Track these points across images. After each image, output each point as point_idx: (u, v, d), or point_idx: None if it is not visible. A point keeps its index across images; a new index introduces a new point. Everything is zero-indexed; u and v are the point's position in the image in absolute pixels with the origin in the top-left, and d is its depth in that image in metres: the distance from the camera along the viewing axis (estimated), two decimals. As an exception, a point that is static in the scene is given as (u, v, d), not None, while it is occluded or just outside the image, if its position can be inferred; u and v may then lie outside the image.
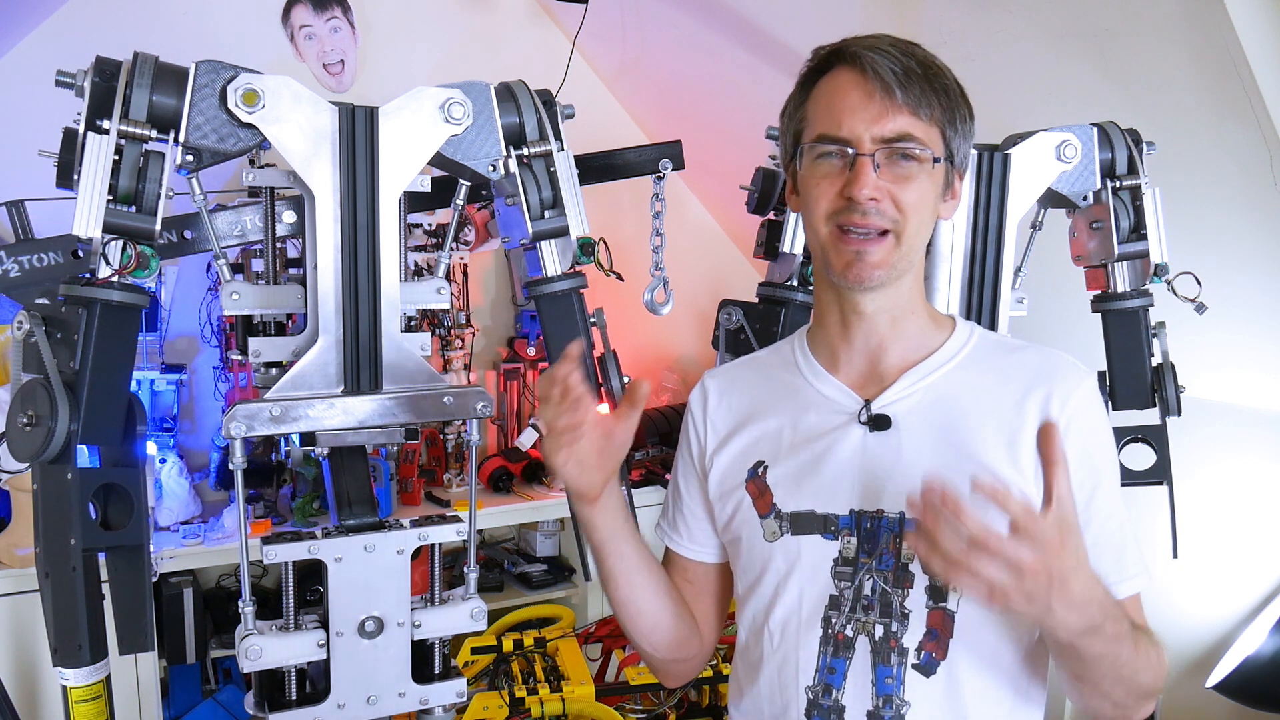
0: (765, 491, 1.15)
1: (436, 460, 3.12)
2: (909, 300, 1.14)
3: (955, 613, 1.07)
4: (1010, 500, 0.88)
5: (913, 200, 1.06)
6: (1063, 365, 1.12)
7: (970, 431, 1.09)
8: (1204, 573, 2.34)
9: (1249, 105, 1.76)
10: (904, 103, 1.05)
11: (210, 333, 2.89)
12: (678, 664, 1.27)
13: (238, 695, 2.68)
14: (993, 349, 1.16)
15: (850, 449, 1.12)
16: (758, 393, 1.22)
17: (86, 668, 1.31)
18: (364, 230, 1.29)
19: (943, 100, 1.07)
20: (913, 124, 1.05)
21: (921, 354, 1.14)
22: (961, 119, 1.09)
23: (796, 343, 1.23)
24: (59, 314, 1.27)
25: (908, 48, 1.08)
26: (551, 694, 2.21)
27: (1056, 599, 0.89)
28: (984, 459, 1.08)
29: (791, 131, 1.14)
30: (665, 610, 1.22)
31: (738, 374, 1.27)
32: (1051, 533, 0.89)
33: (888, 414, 1.11)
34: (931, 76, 1.07)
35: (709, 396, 1.26)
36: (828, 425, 1.14)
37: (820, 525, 1.11)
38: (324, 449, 1.34)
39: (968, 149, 1.12)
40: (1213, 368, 2.15)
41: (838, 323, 1.16)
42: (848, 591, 1.10)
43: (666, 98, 3.42)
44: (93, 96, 1.21)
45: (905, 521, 1.08)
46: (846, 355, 1.16)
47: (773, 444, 1.17)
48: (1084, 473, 1.07)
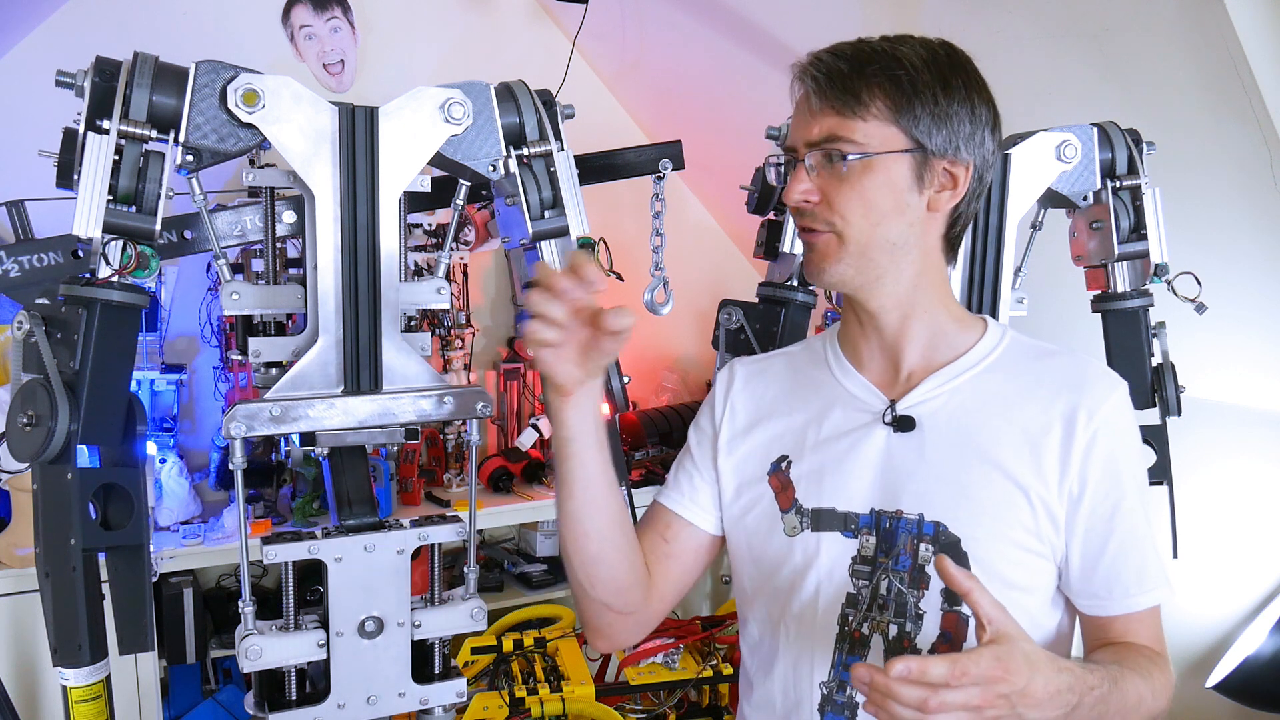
0: (788, 486, 1.15)
1: (436, 460, 3.13)
2: (915, 297, 1.13)
3: (969, 616, 1.06)
4: (929, 673, 0.84)
5: (847, 198, 1.06)
6: (1093, 374, 1.11)
7: (994, 436, 1.09)
8: (1204, 573, 2.34)
9: (1249, 105, 1.76)
10: (827, 105, 1.05)
11: (210, 333, 2.89)
12: (611, 615, 1.19)
13: (238, 695, 2.68)
14: (1024, 354, 1.15)
15: (874, 448, 1.12)
16: (785, 386, 1.23)
17: (86, 668, 1.31)
18: (364, 230, 1.29)
19: (888, 91, 1.04)
20: (840, 124, 1.05)
21: (949, 356, 1.14)
22: (928, 101, 1.05)
23: (828, 339, 1.23)
24: (59, 314, 1.27)
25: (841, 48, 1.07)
26: (551, 694, 2.22)
27: (1024, 710, 0.88)
28: (1005, 465, 1.07)
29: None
30: (616, 544, 1.14)
31: (769, 365, 1.28)
32: (989, 667, 0.86)
33: (912, 415, 1.11)
34: (870, 73, 1.04)
35: (735, 380, 1.26)
36: (853, 423, 1.14)
37: (841, 523, 1.12)
38: (324, 449, 1.34)
39: (952, 131, 1.06)
40: (1213, 368, 2.15)
41: (854, 321, 1.17)
42: (865, 590, 1.10)
43: (666, 98, 3.42)
44: (93, 96, 1.21)
45: (924, 524, 1.08)
46: (868, 353, 1.17)
47: (797, 439, 1.17)
48: (1109, 484, 1.07)
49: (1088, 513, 1.07)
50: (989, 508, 1.07)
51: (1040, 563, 1.09)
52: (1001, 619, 0.90)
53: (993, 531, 1.07)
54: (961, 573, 0.90)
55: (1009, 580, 1.07)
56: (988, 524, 1.07)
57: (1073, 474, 1.07)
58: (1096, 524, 1.08)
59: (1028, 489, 1.07)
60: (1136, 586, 1.08)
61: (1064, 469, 1.07)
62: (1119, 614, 1.09)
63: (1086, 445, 1.07)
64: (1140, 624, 1.10)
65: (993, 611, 0.90)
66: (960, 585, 0.90)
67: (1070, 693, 0.93)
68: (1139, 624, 1.10)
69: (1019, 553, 1.07)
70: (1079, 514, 1.07)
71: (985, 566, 1.06)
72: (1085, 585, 1.10)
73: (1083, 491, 1.07)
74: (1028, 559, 1.08)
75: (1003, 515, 1.07)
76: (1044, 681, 0.89)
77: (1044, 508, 1.07)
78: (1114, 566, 1.08)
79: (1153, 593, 1.09)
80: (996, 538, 1.07)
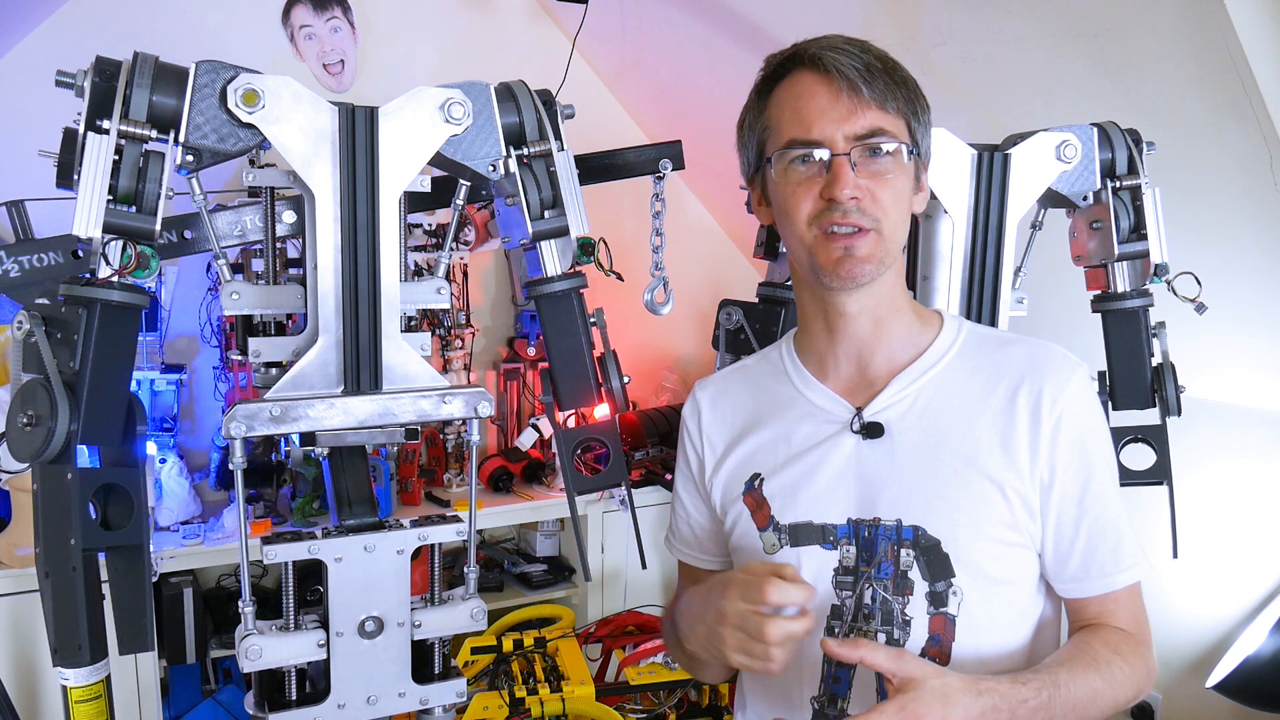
0: (763, 504, 1.15)
1: (436, 460, 3.12)
2: (891, 298, 1.13)
3: (956, 617, 1.07)
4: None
5: (890, 197, 1.06)
6: (1053, 359, 1.11)
7: (963, 434, 1.09)
8: (1204, 573, 2.34)
9: (1249, 105, 1.75)
10: (871, 98, 1.04)
11: (210, 333, 2.89)
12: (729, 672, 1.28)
13: (238, 695, 2.68)
14: (981, 345, 1.15)
15: (844, 458, 1.12)
16: (750, 403, 1.22)
17: (86, 668, 1.31)
18: (364, 230, 1.29)
19: (904, 93, 1.07)
20: (882, 118, 1.05)
21: (910, 355, 1.14)
22: (922, 109, 1.10)
23: (784, 349, 1.22)
24: (59, 314, 1.27)
25: (863, 44, 1.08)
26: (551, 694, 2.22)
27: None
28: (977, 461, 1.08)
29: (754, 143, 1.13)
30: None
31: (728, 384, 1.27)
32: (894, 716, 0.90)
33: (880, 421, 1.11)
34: (891, 70, 1.07)
35: (702, 410, 1.26)
36: (821, 435, 1.14)
37: (819, 536, 1.11)
38: (324, 449, 1.34)
39: (929, 141, 1.13)
40: (1213, 368, 2.15)
41: (823, 328, 1.15)
42: (849, 601, 1.10)
43: (666, 98, 3.42)
44: (93, 96, 1.21)
45: (904, 529, 1.08)
46: (834, 360, 1.16)
47: (768, 456, 1.17)
48: (1076, 465, 1.08)
49: (1059, 497, 1.08)
50: (965, 506, 1.07)
51: (1021, 553, 1.09)
52: (902, 666, 0.93)
53: (972, 529, 1.07)
54: (842, 644, 0.95)
55: (992, 575, 1.07)
56: (966, 522, 1.07)
57: (1042, 461, 1.07)
58: (1068, 507, 1.08)
59: (1002, 483, 1.07)
60: (1113, 565, 1.09)
61: (1034, 457, 1.07)
62: (1096, 594, 1.10)
63: (1052, 430, 1.07)
64: (1117, 603, 1.10)
65: (891, 664, 0.93)
66: (848, 656, 0.94)
67: (996, 712, 0.94)
68: (1115, 603, 1.10)
69: (999, 547, 1.07)
70: (1051, 499, 1.08)
71: (968, 565, 1.06)
72: (1062, 569, 1.10)
73: (1053, 477, 1.07)
74: (1009, 552, 1.08)
75: (980, 511, 1.07)
76: (962, 711, 0.91)
77: (1019, 498, 1.07)
78: (1089, 547, 1.09)
79: (1129, 570, 1.10)
80: (976, 535, 1.07)
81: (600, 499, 2.96)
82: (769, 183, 1.11)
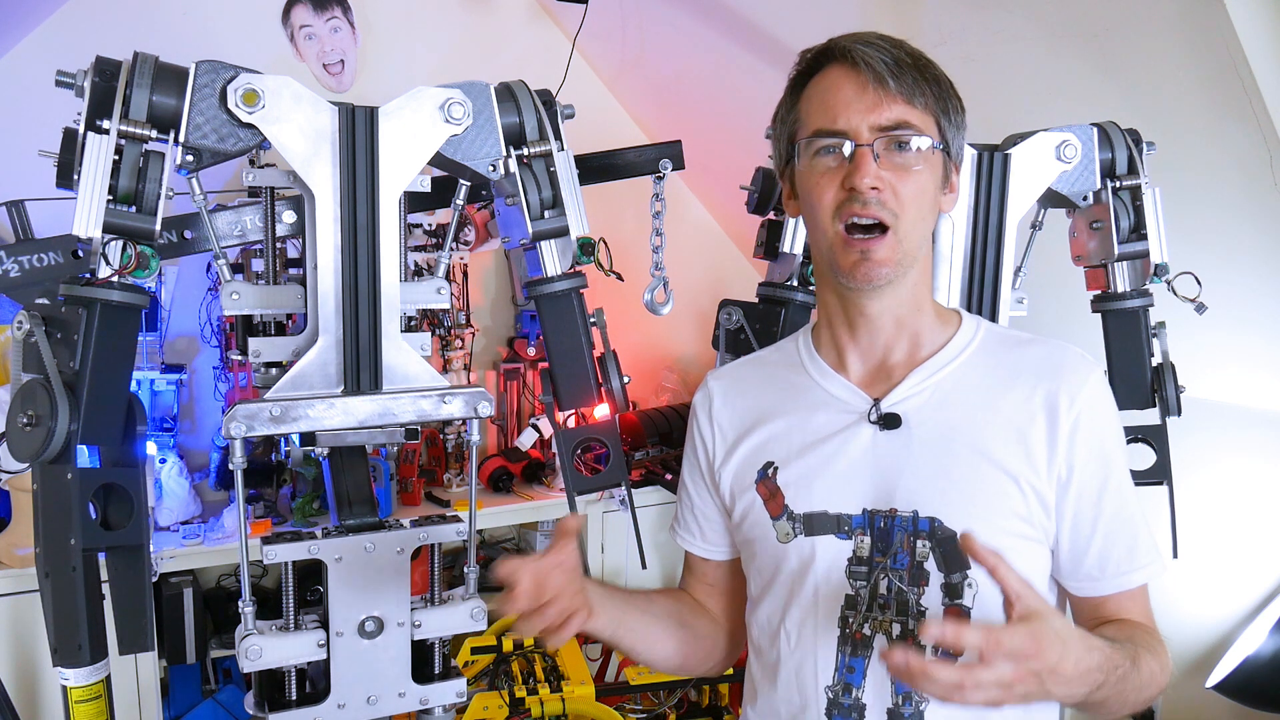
0: (776, 493, 1.15)
1: (436, 460, 3.12)
2: (914, 299, 1.14)
3: (971, 609, 1.07)
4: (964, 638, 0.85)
5: (911, 192, 1.06)
6: (1070, 359, 1.12)
7: (979, 427, 1.09)
8: (1204, 573, 2.34)
9: (1249, 105, 1.75)
10: (898, 91, 1.05)
11: (210, 333, 2.89)
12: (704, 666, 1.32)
13: (238, 695, 2.68)
14: (999, 343, 1.16)
15: (861, 448, 1.12)
16: (764, 393, 1.22)
17: (86, 668, 1.31)
18: (364, 230, 1.29)
19: (935, 90, 1.07)
20: (908, 112, 1.05)
21: (929, 350, 1.14)
22: (954, 109, 1.10)
23: (801, 341, 1.22)
24: (59, 314, 1.27)
25: (896, 41, 1.08)
26: (551, 694, 2.22)
27: (1053, 688, 0.89)
28: (994, 454, 1.08)
29: (785, 135, 1.14)
30: (684, 641, 1.26)
31: (742, 374, 1.27)
32: (1023, 642, 0.87)
33: (897, 412, 1.11)
34: (922, 67, 1.07)
35: (714, 399, 1.25)
36: (837, 425, 1.14)
37: (833, 525, 1.11)
38: (324, 449, 1.34)
39: (962, 141, 1.12)
40: (1213, 368, 2.15)
41: (844, 325, 1.16)
42: (864, 591, 1.10)
43: (666, 98, 3.42)
44: (93, 96, 1.21)
45: (919, 520, 1.08)
46: (854, 355, 1.16)
47: (782, 445, 1.17)
48: (1095, 464, 1.08)
49: (1076, 495, 1.08)
50: (981, 499, 1.07)
51: (1035, 548, 1.09)
52: (1029, 595, 0.90)
53: (987, 522, 1.07)
54: (986, 548, 0.91)
55: None
56: (982, 515, 1.07)
57: (1060, 458, 1.07)
58: (1085, 506, 1.08)
59: (1017, 476, 1.07)
60: (1128, 563, 1.09)
61: (1051, 453, 1.07)
62: (1112, 593, 1.10)
63: (1071, 429, 1.07)
64: (1132, 601, 1.11)
65: (1020, 587, 0.90)
66: (987, 560, 0.90)
67: (1098, 671, 0.93)
68: (1131, 601, 1.11)
69: (1014, 540, 1.08)
70: (1069, 496, 1.08)
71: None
72: (1077, 567, 1.10)
73: (1071, 474, 1.08)
74: (1023, 546, 1.08)
75: (996, 505, 1.07)
76: (1075, 659, 0.90)
77: (1034, 493, 1.07)
78: (1105, 546, 1.09)
79: (1146, 569, 1.10)
80: (991, 528, 1.07)
81: (600, 499, 2.96)
82: (796, 174, 1.12)
